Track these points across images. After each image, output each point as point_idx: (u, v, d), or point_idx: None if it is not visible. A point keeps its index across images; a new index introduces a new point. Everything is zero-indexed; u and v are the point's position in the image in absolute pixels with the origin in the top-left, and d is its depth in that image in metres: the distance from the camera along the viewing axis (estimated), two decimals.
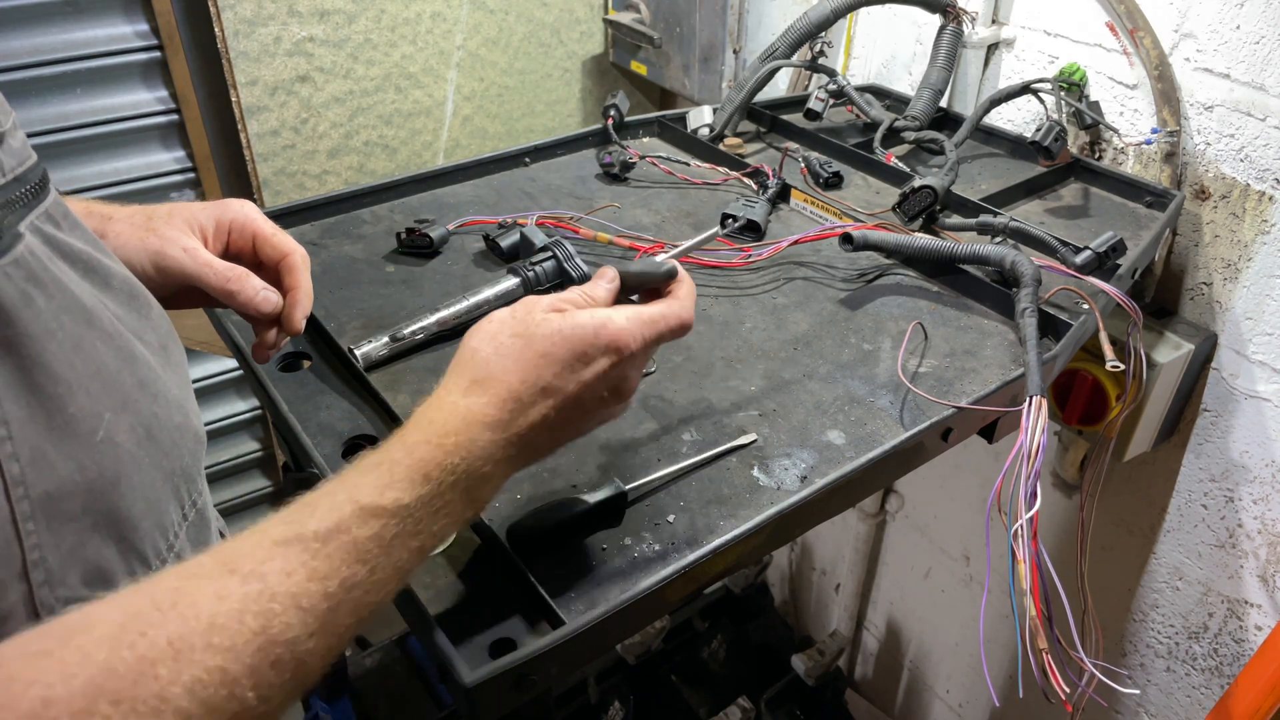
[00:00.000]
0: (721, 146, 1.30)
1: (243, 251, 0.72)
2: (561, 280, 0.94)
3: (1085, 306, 0.93)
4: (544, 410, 0.54)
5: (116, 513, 0.49)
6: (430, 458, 0.50)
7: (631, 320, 0.57)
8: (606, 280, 0.62)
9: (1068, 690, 0.74)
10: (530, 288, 0.92)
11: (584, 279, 0.94)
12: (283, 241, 0.72)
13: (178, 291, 0.69)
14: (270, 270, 0.72)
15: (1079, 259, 0.97)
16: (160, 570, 0.43)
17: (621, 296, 0.63)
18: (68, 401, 0.47)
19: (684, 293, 0.62)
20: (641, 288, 0.64)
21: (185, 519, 0.56)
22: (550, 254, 0.94)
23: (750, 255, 1.03)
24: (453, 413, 0.52)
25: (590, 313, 0.56)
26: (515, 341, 0.55)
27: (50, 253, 0.51)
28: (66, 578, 0.47)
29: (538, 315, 0.56)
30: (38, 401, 0.46)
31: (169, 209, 0.70)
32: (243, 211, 0.71)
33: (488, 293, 0.90)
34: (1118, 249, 0.97)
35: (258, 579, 0.43)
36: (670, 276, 0.64)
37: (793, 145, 1.31)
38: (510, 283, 0.92)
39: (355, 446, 0.77)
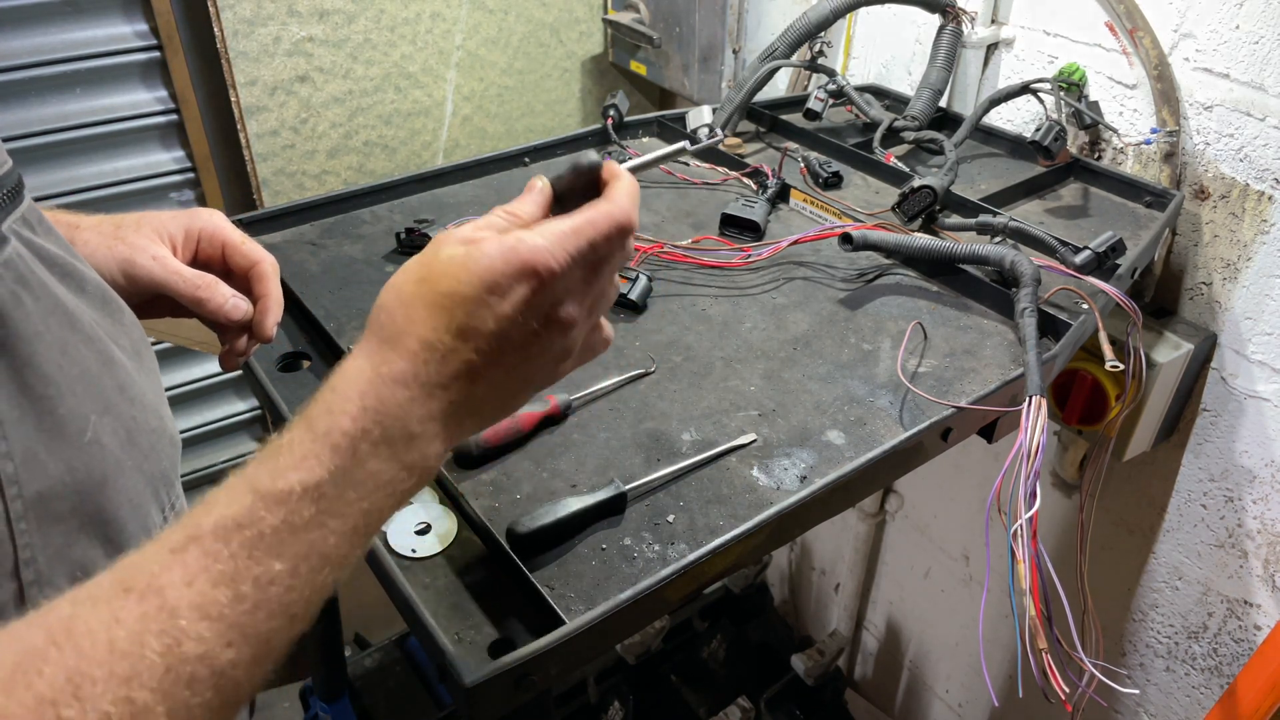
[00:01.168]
0: (721, 147, 1.30)
1: (212, 260, 0.71)
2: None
3: (1085, 306, 0.93)
4: (466, 355, 0.46)
5: (103, 514, 0.50)
6: (336, 426, 0.44)
7: (547, 235, 0.47)
8: (535, 193, 0.53)
9: (1067, 690, 0.74)
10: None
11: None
12: (252, 249, 0.71)
13: (146, 300, 0.68)
14: (240, 279, 0.71)
15: (1078, 259, 0.97)
16: (55, 597, 0.39)
17: (558, 209, 0.52)
18: (57, 403, 0.47)
19: (619, 190, 0.51)
20: (577, 193, 0.52)
21: (165, 521, 0.56)
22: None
23: (750, 255, 1.03)
24: (358, 376, 0.45)
25: (500, 237, 0.47)
26: (420, 287, 0.47)
27: (31, 256, 0.51)
28: (54, 578, 0.47)
29: (444, 252, 0.47)
30: (29, 402, 0.46)
31: (137, 218, 0.69)
32: (211, 220, 0.70)
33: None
34: (1117, 249, 0.97)
35: (155, 594, 0.38)
36: (595, 169, 0.52)
37: (792, 145, 1.31)
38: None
39: None
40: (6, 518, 0.44)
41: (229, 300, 0.68)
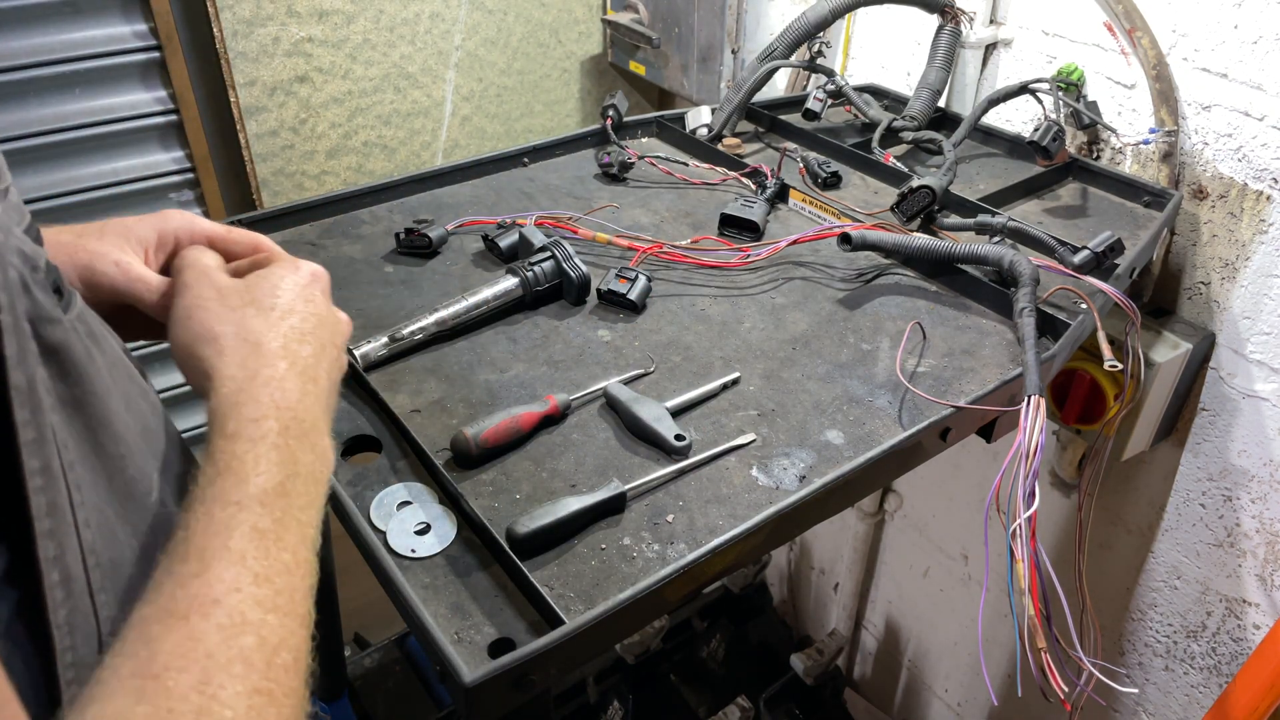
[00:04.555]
0: (720, 147, 1.30)
1: None
2: (560, 280, 0.94)
3: (1083, 306, 0.93)
4: (304, 345, 0.55)
5: None
6: (257, 432, 0.48)
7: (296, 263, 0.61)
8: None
9: (1066, 689, 0.74)
10: (529, 288, 0.92)
11: (583, 279, 0.94)
12: (242, 235, 0.65)
13: (108, 314, 0.58)
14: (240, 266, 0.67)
15: (1077, 259, 0.97)
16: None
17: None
18: (127, 463, 0.46)
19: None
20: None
21: None
22: (549, 254, 0.94)
23: (749, 255, 1.03)
24: (237, 384, 0.50)
25: (275, 264, 0.60)
26: (238, 311, 0.54)
27: (86, 306, 0.49)
28: None
29: (228, 283, 0.57)
30: (101, 464, 0.44)
31: (101, 225, 0.62)
32: (185, 219, 0.63)
33: (486, 293, 0.90)
34: (1116, 249, 0.98)
35: (214, 605, 0.41)
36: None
37: (791, 145, 1.31)
38: (509, 283, 0.92)
39: (355, 447, 0.77)
40: (89, 590, 0.41)
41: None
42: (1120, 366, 0.88)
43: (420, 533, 0.69)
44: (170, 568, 0.42)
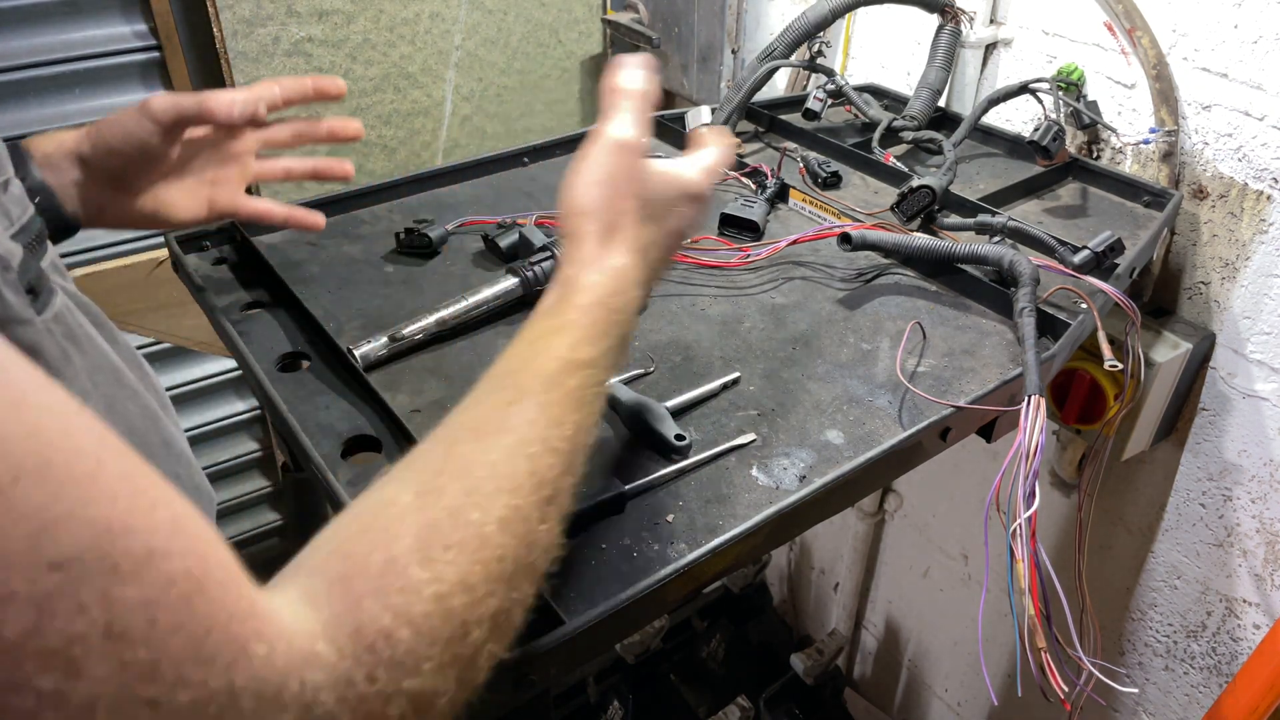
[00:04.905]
0: None
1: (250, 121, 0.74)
2: None
3: (1083, 306, 0.93)
4: (651, 242, 0.60)
5: None
6: (605, 319, 0.55)
7: (705, 171, 0.65)
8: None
9: (1066, 689, 0.74)
10: (529, 287, 0.92)
11: None
12: (261, 85, 0.75)
13: (190, 149, 0.72)
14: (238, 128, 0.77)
15: (1077, 258, 0.97)
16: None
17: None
18: None
19: (718, 146, 0.67)
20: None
21: None
22: (549, 254, 0.94)
23: (749, 255, 1.03)
24: (613, 275, 0.56)
25: (685, 160, 0.65)
26: (627, 185, 0.59)
27: (74, 307, 0.50)
28: None
29: (643, 164, 0.61)
30: None
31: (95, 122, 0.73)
32: (166, 95, 0.72)
33: (486, 292, 0.90)
34: (1116, 248, 0.98)
35: (510, 432, 0.47)
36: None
37: (791, 145, 1.31)
38: (509, 283, 0.92)
39: (354, 447, 0.77)
40: None
41: (228, 97, 0.71)
42: (1120, 366, 0.88)
43: None
44: (491, 389, 0.50)
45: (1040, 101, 1.20)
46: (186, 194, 0.78)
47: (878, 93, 1.47)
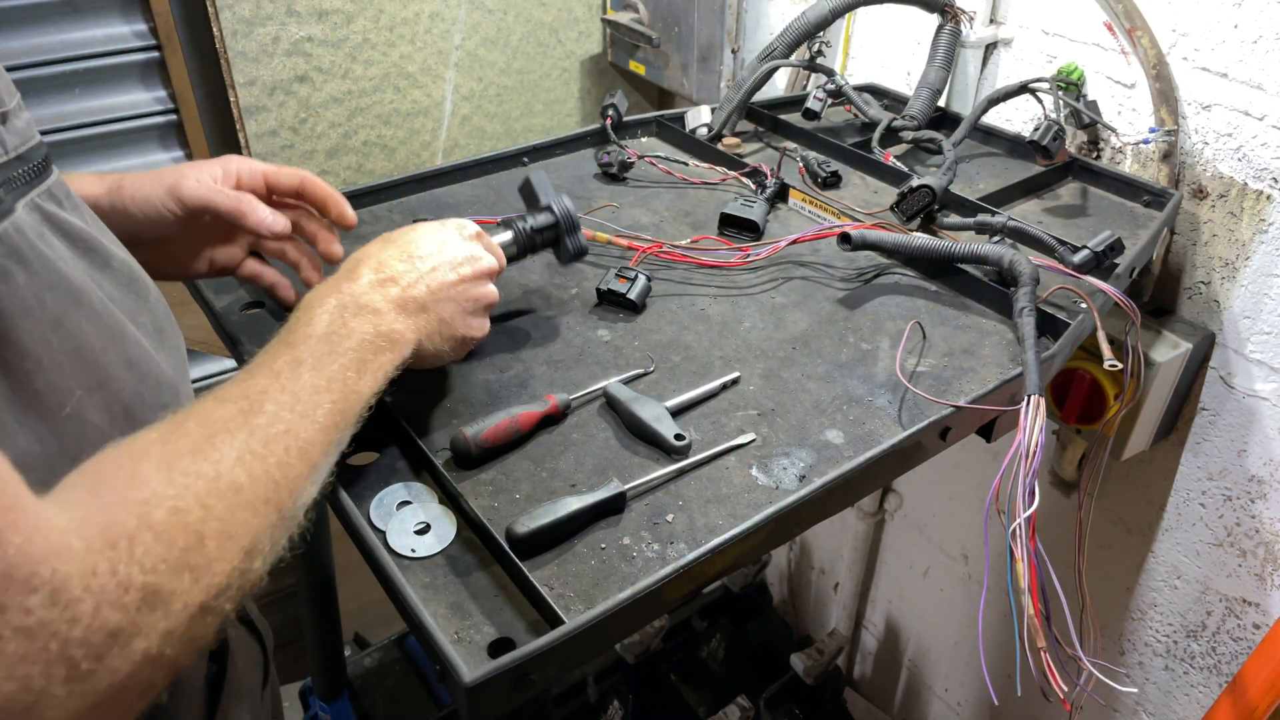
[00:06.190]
0: (720, 146, 1.30)
1: (255, 192, 0.80)
2: (555, 243, 0.90)
3: (1083, 306, 0.93)
4: (405, 267, 0.71)
5: None
6: (324, 306, 0.65)
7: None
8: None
9: (1066, 689, 0.74)
10: (523, 249, 0.88)
11: (580, 250, 0.91)
12: (291, 170, 0.81)
13: (194, 218, 0.76)
14: (286, 201, 0.83)
15: (1077, 258, 0.97)
16: None
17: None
18: (34, 376, 0.50)
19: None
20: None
21: None
22: (554, 221, 0.89)
23: (749, 255, 1.03)
24: (327, 291, 0.67)
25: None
26: (376, 242, 0.75)
27: (47, 230, 0.52)
28: None
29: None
30: (1, 375, 0.48)
31: (178, 166, 0.78)
32: (245, 160, 0.80)
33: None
34: (1115, 248, 0.98)
35: (246, 399, 0.55)
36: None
37: (791, 145, 1.31)
38: (504, 236, 0.87)
39: (355, 447, 0.77)
40: None
41: (269, 215, 0.77)
42: (1120, 366, 0.88)
43: (420, 533, 0.69)
44: (236, 376, 0.58)
45: (1040, 101, 1.20)
46: (188, 254, 0.82)
47: (878, 93, 1.47)
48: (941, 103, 1.36)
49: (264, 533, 0.51)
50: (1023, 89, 1.20)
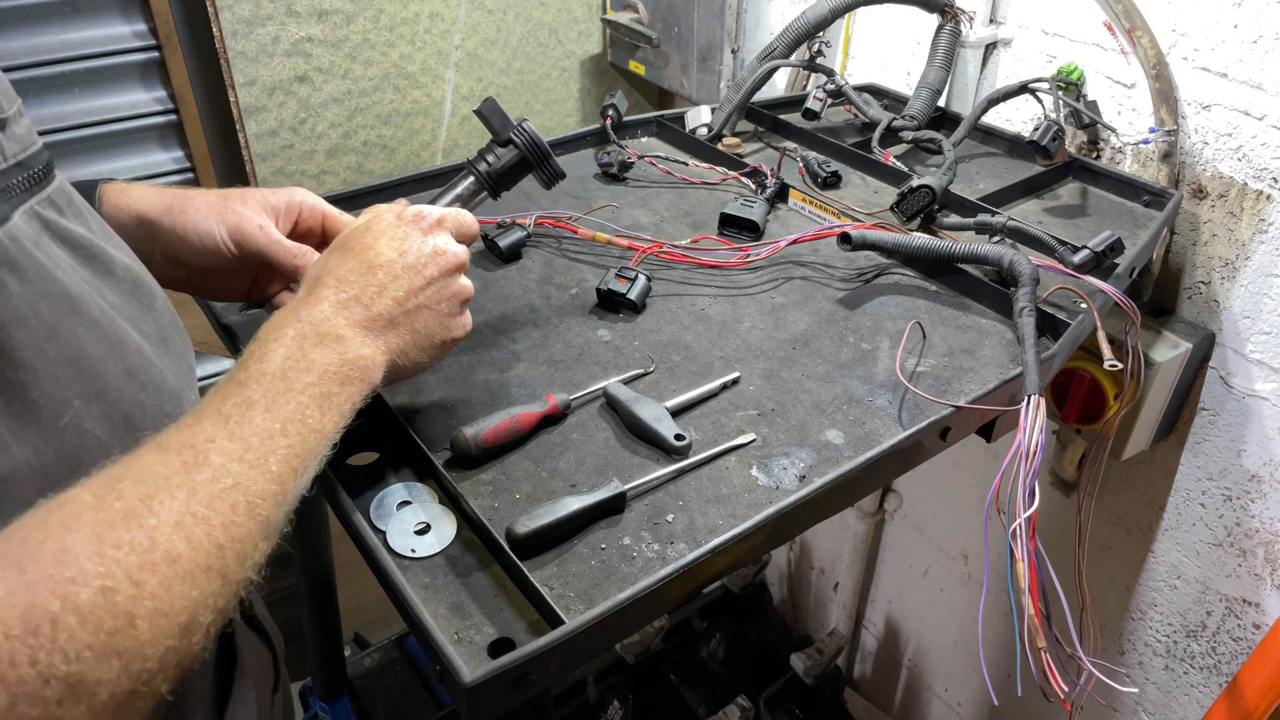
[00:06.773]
0: (720, 146, 1.30)
1: (311, 230, 0.79)
2: (523, 166, 0.85)
3: (1083, 306, 0.93)
4: (368, 280, 0.65)
5: None
6: (282, 335, 0.59)
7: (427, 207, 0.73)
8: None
9: (1066, 689, 0.74)
10: (489, 182, 0.85)
11: (556, 175, 0.87)
12: (351, 219, 0.79)
13: (249, 267, 0.76)
14: None
15: (1077, 258, 0.97)
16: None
17: None
18: (30, 387, 0.48)
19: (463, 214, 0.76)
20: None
21: None
22: (510, 142, 0.84)
23: (748, 255, 1.03)
24: (287, 314, 0.62)
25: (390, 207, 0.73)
26: (332, 251, 0.69)
27: (45, 238, 0.52)
28: None
29: (348, 228, 0.71)
30: None
31: (241, 192, 0.76)
32: (309, 196, 0.79)
33: (449, 196, 0.85)
34: (1115, 248, 0.98)
35: (191, 449, 0.50)
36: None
37: (791, 145, 1.31)
38: (467, 182, 0.85)
39: (355, 447, 0.77)
40: None
41: None
42: (1120, 366, 0.88)
43: (420, 533, 0.69)
44: (183, 420, 0.52)
45: (1040, 101, 1.20)
46: (233, 285, 0.80)
47: (877, 92, 1.47)
48: (941, 103, 1.36)
49: (204, 604, 0.46)
50: (1022, 89, 1.20)
